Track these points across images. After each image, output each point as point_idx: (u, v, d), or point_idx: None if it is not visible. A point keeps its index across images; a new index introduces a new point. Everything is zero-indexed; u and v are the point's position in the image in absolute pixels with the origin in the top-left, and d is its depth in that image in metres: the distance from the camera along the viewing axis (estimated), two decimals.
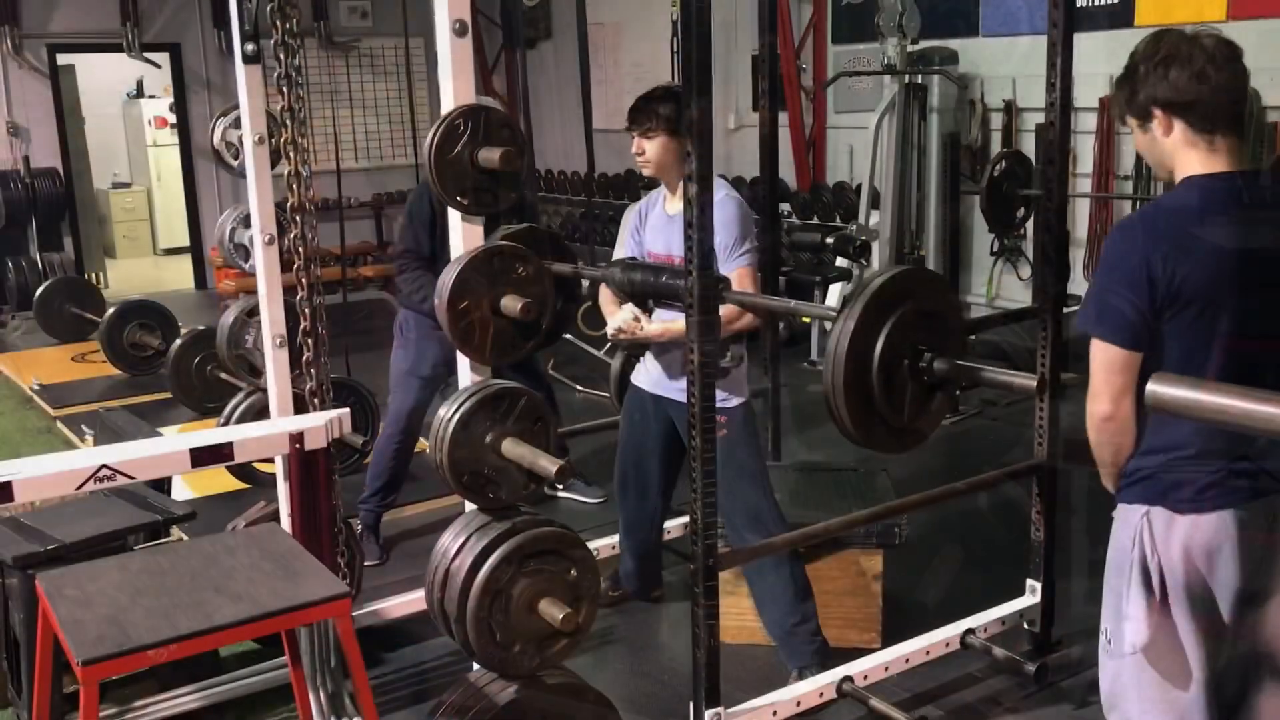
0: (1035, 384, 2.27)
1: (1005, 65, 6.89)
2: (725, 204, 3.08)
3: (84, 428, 5.47)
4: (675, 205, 3.22)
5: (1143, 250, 1.94)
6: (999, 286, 7.25)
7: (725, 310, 2.90)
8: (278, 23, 2.95)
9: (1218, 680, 2.08)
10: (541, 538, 2.34)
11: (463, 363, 2.47)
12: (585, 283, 3.54)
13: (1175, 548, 2.02)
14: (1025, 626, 3.34)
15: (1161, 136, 2.03)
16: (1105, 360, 1.99)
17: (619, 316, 3.22)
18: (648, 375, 3.38)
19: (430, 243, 4.04)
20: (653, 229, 3.34)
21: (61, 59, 9.80)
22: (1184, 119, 1.99)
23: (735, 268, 3.07)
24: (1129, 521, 2.08)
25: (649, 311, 3.18)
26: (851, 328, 2.19)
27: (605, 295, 3.39)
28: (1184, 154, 2.01)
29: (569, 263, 3.26)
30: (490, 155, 2.27)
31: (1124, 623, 2.08)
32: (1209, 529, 2.01)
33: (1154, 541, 2.03)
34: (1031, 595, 3.32)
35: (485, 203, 2.36)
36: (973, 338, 5.66)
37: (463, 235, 2.39)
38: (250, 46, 3.10)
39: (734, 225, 3.09)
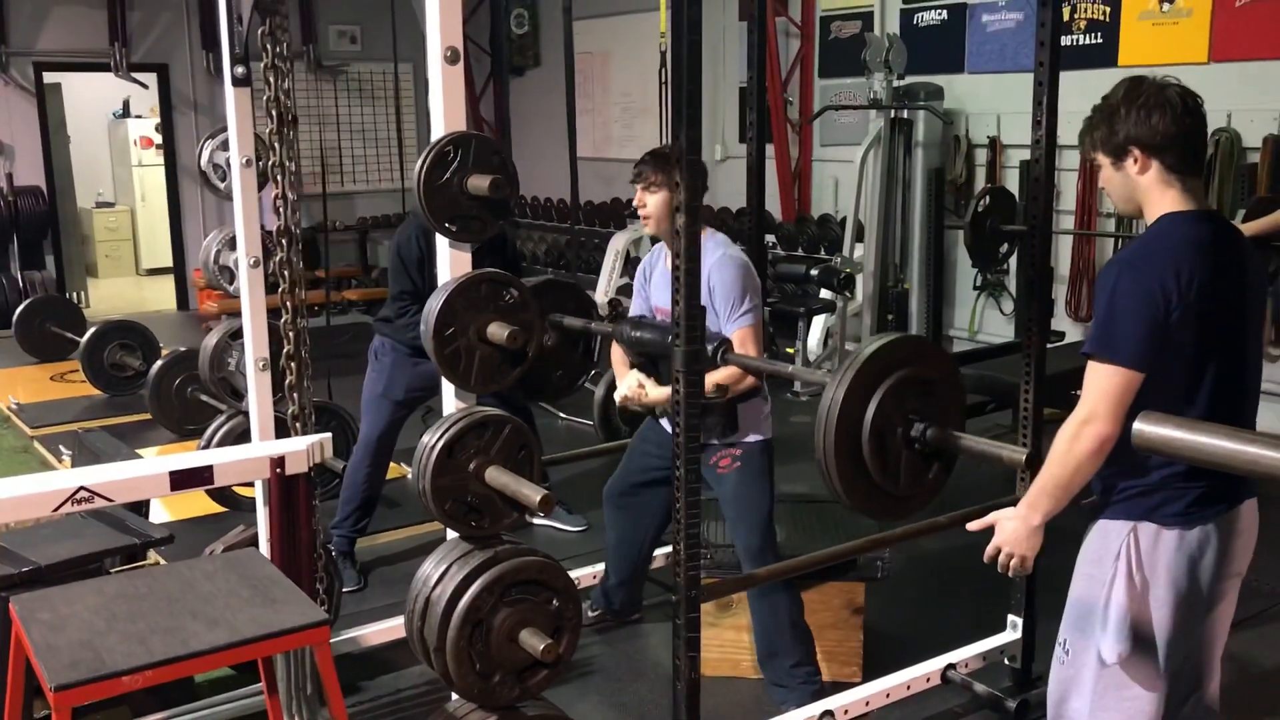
0: (1024, 458, 2.32)
1: (990, 101, 6.96)
2: (725, 264, 3.08)
3: (62, 448, 5.42)
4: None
5: (1157, 276, 2.05)
6: (981, 321, 7.29)
7: (727, 372, 2.94)
8: (267, 46, 2.95)
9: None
10: (524, 567, 2.33)
11: (447, 389, 2.46)
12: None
13: (1161, 561, 2.10)
14: (1006, 662, 3.33)
15: (1136, 175, 2.16)
16: (1114, 384, 2.04)
17: (624, 384, 3.28)
18: (663, 426, 3.37)
19: (423, 282, 4.01)
20: (657, 285, 3.36)
21: (48, 77, 9.78)
22: (1160, 159, 2.13)
23: (736, 329, 3.07)
24: (1111, 536, 2.14)
25: (658, 374, 3.21)
26: (841, 395, 2.19)
27: (616, 353, 3.42)
28: (1159, 192, 2.15)
29: (590, 315, 3.33)
30: (480, 183, 2.27)
31: (1102, 635, 2.14)
32: (1193, 542, 2.10)
33: (1139, 556, 2.11)
34: (1013, 631, 3.32)
35: (474, 230, 2.36)
36: None
37: (450, 262, 2.39)
38: (240, 69, 3.09)
39: (734, 285, 3.07)
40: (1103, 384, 2.05)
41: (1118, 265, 2.13)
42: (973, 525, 2.31)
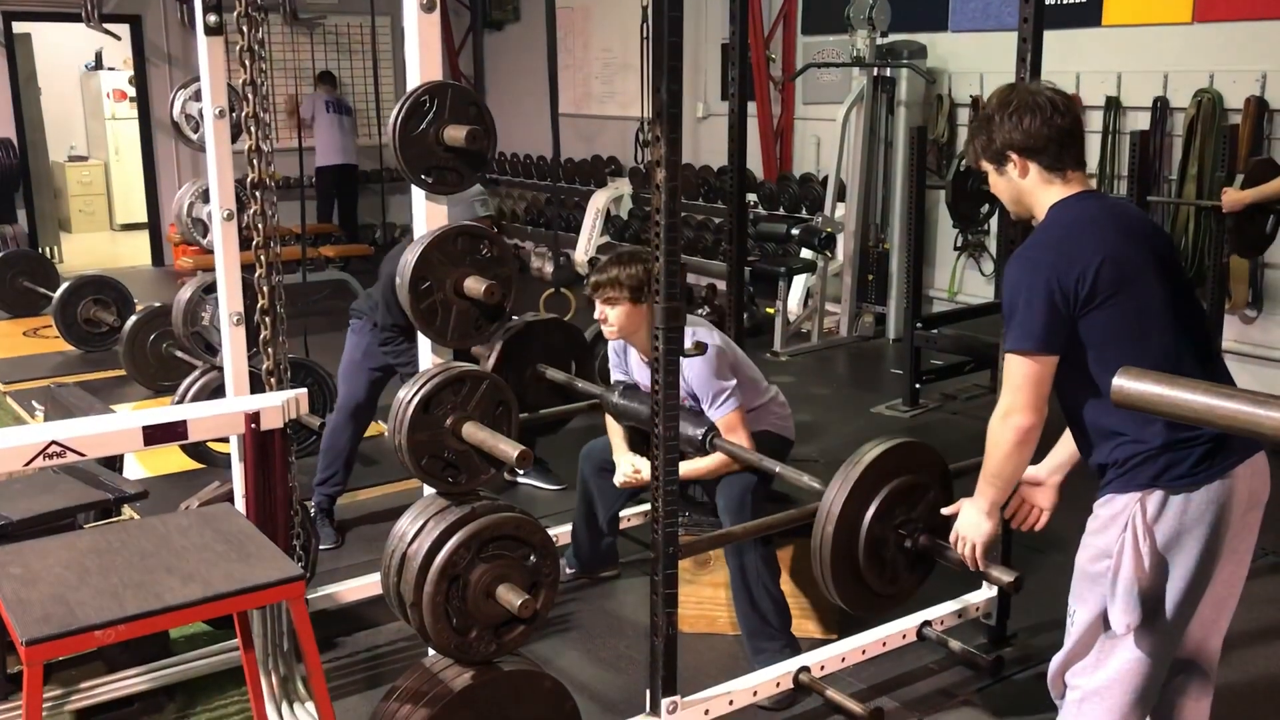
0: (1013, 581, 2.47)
1: (973, 61, 6.92)
2: (691, 364, 3.13)
3: (34, 403, 5.37)
4: (646, 358, 3.30)
5: (1052, 261, 2.12)
6: (961, 281, 7.30)
7: (718, 461, 3.17)
8: None
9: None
10: (501, 523, 2.32)
11: (424, 344, 2.44)
12: (540, 265, 3.56)
13: (1169, 527, 2.10)
14: (981, 620, 3.36)
15: (1018, 178, 2.25)
16: (1031, 373, 2.13)
17: (619, 471, 3.45)
18: None
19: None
20: (637, 367, 3.42)
21: (17, 27, 9.59)
22: (1037, 161, 2.22)
23: (722, 415, 3.19)
24: (1118, 508, 2.14)
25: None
26: (842, 499, 2.27)
27: (610, 421, 3.56)
28: (1042, 191, 2.24)
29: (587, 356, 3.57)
30: (456, 133, 2.24)
31: (1111, 605, 2.14)
32: (1201, 503, 2.10)
33: (1146, 525, 2.11)
34: (988, 589, 3.34)
35: (450, 181, 2.32)
36: (935, 331, 5.68)
37: (426, 215, 2.35)
38: (212, 18, 3.03)
39: (710, 379, 3.18)
40: (1016, 376, 2.14)
41: (1015, 260, 2.20)
42: (945, 510, 2.46)
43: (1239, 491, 2.13)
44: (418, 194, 2.35)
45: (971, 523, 2.35)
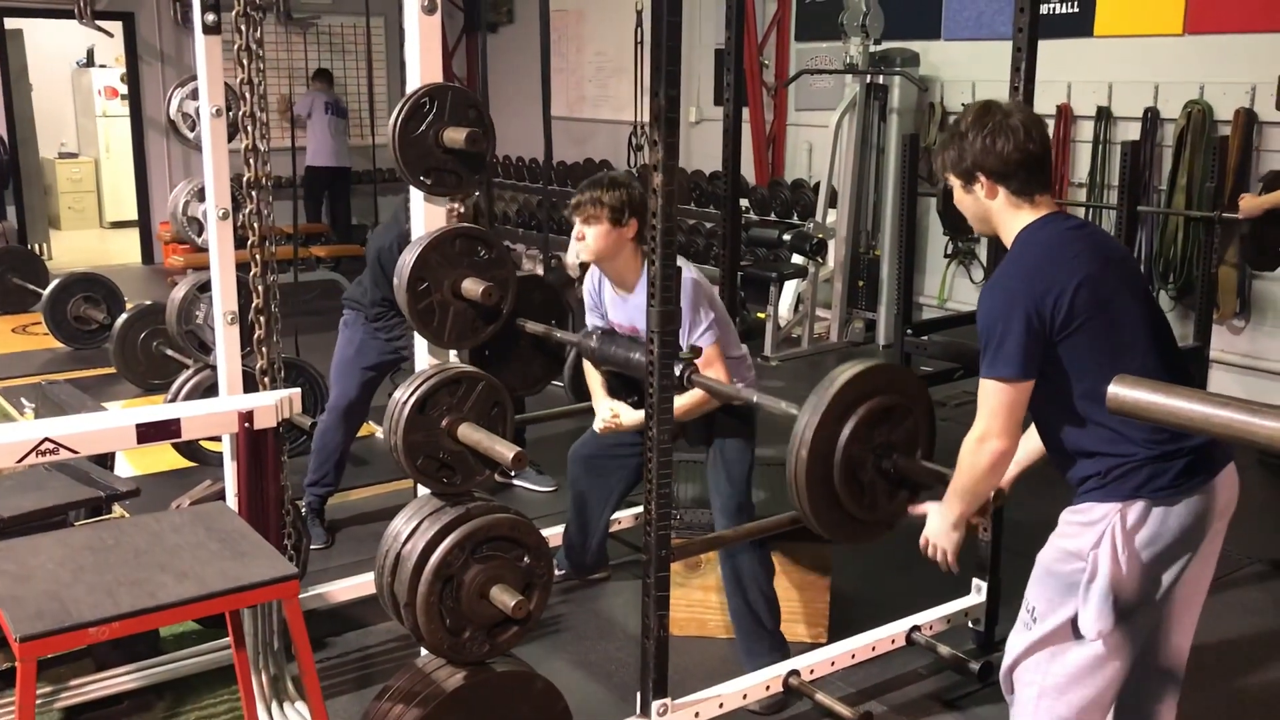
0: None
1: (965, 69, 6.95)
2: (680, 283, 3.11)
3: (24, 400, 5.35)
4: (621, 291, 3.28)
5: (1027, 288, 2.13)
6: (951, 288, 7.33)
7: (696, 397, 3.03)
8: None
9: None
10: (495, 524, 2.32)
11: (420, 345, 2.45)
12: (532, 267, 3.55)
13: (1148, 537, 2.12)
14: (970, 625, 3.38)
15: (985, 199, 2.24)
16: (1007, 399, 2.14)
17: (599, 417, 3.38)
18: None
19: None
20: (611, 306, 3.38)
21: (9, 23, 9.56)
22: (1006, 186, 2.21)
23: (701, 344, 3.10)
24: (1097, 515, 2.15)
25: (634, 398, 3.30)
26: (815, 423, 2.24)
27: (589, 369, 3.48)
28: (1009, 215, 2.23)
29: (562, 312, 3.44)
30: (456, 135, 2.24)
31: (1084, 610, 2.15)
32: (1180, 514, 2.12)
33: (1126, 534, 2.12)
34: (977, 594, 3.36)
35: (449, 183, 2.33)
36: (925, 338, 5.70)
37: (425, 216, 2.36)
38: (211, 17, 3.04)
39: (690, 309, 3.09)
40: (992, 402, 2.15)
41: (989, 289, 2.21)
42: (914, 509, 2.46)
43: (1216, 502, 2.17)
44: (416, 195, 2.36)
45: (940, 531, 2.36)
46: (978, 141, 2.21)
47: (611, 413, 3.36)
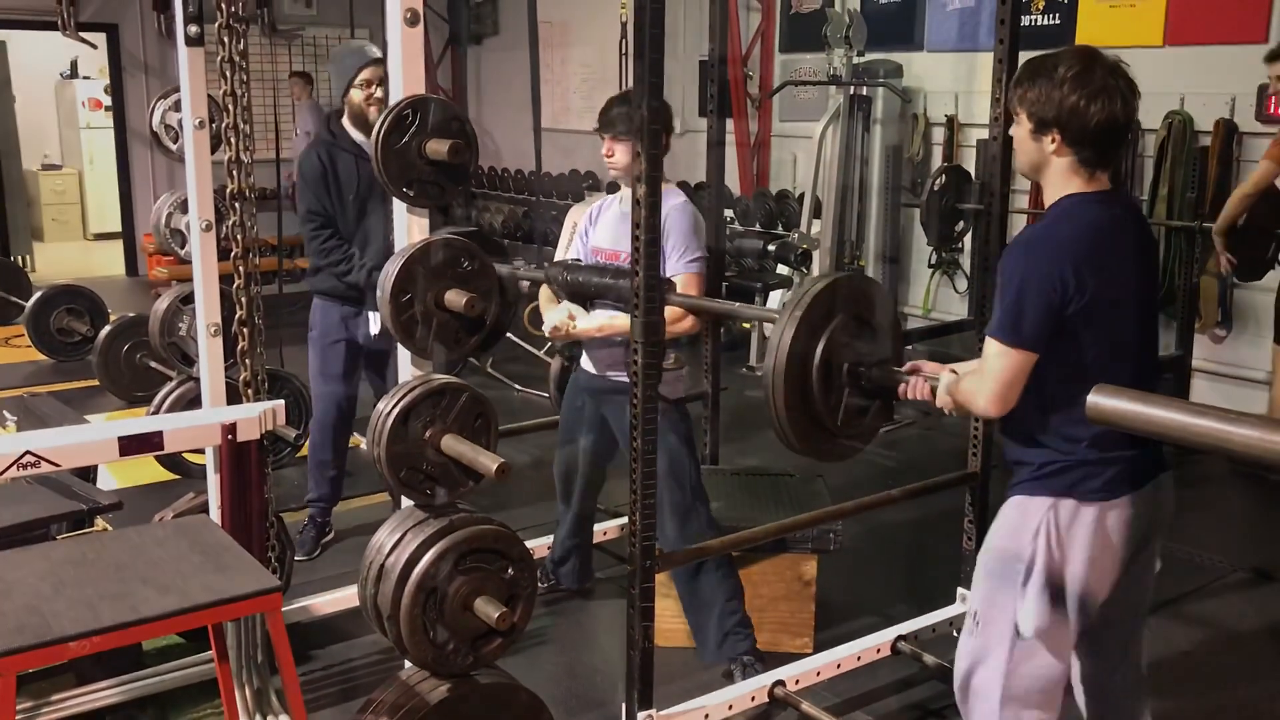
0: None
1: (948, 80, 6.99)
2: (683, 210, 3.16)
3: (5, 413, 5.31)
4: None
5: (1058, 264, 2.05)
6: (935, 298, 7.35)
7: (667, 312, 2.88)
8: (222, 5, 2.89)
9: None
10: (479, 536, 2.32)
11: (403, 356, 2.44)
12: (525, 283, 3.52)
13: (1080, 535, 2.14)
14: (955, 634, 3.38)
15: (1050, 154, 2.13)
16: (1011, 365, 2.07)
17: (554, 315, 3.28)
18: (584, 369, 3.41)
19: (330, 201, 3.86)
20: (604, 225, 3.36)
21: None
22: (1078, 153, 2.10)
23: (683, 273, 3.13)
24: (1030, 512, 2.17)
25: (588, 310, 3.22)
26: (794, 329, 2.22)
27: (545, 295, 3.42)
28: (1065, 177, 2.13)
29: (505, 263, 3.24)
30: (439, 147, 2.25)
31: (1021, 607, 2.17)
32: (1112, 516, 2.14)
33: (1059, 531, 2.14)
34: (961, 603, 3.36)
35: (431, 195, 2.34)
36: (909, 348, 5.72)
37: (408, 227, 2.36)
38: (194, 28, 3.03)
39: (688, 233, 3.14)
40: (998, 366, 2.08)
41: (1021, 248, 2.12)
42: (923, 371, 2.32)
43: (1151, 507, 2.19)
44: (399, 206, 2.36)
45: (933, 385, 2.25)
46: (1072, 98, 2.05)
47: (569, 313, 3.24)
